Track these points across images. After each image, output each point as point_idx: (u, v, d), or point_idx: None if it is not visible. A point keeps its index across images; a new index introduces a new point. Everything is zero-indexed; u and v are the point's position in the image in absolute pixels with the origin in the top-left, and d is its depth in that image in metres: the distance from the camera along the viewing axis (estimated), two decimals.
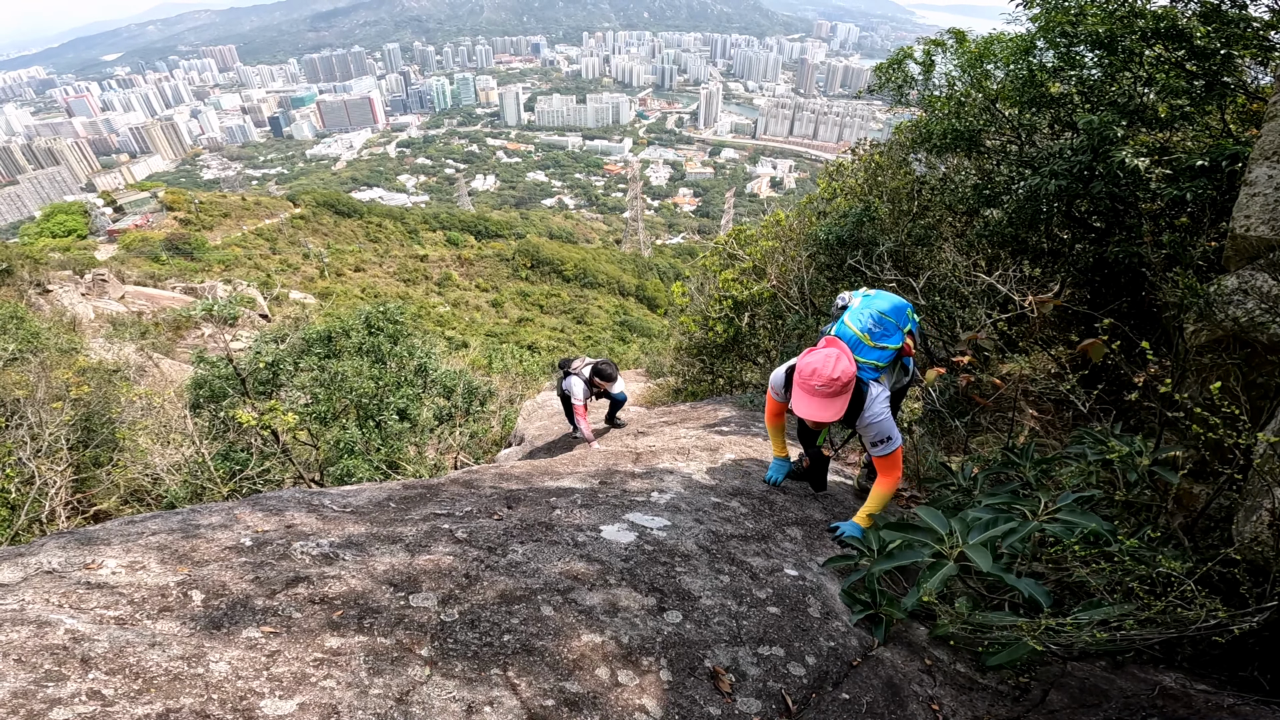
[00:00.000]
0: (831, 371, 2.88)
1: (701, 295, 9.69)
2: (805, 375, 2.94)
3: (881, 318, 3.24)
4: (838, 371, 2.89)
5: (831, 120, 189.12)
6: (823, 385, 2.88)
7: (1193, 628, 1.90)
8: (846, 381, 2.90)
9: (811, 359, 2.97)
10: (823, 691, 2.03)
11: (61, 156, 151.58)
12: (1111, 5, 4.51)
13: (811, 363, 2.94)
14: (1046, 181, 4.50)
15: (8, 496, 6.05)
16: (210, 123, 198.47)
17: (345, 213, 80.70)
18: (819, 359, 2.95)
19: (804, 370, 2.95)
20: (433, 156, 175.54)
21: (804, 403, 2.95)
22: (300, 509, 2.67)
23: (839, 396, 2.92)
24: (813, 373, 2.91)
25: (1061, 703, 2.12)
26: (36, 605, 1.64)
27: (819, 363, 2.92)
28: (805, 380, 2.93)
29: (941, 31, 5.97)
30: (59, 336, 12.64)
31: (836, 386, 2.89)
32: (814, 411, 2.93)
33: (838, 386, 2.89)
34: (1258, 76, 4.50)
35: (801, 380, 2.95)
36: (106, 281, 27.70)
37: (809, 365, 2.94)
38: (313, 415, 8.32)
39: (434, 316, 48.00)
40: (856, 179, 7.96)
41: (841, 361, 2.93)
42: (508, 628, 1.93)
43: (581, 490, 3.39)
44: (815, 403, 2.92)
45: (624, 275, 71.93)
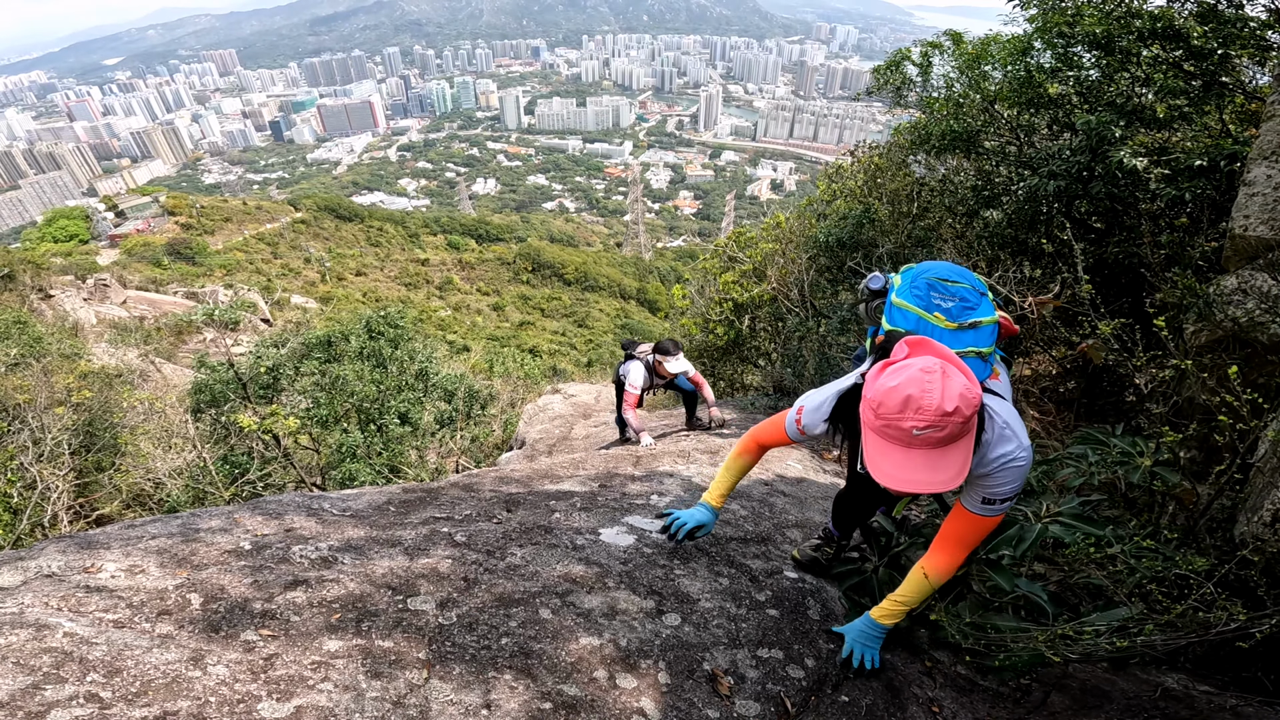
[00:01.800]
0: (942, 399, 1.56)
1: (702, 298, 9.70)
2: (892, 410, 1.61)
3: (944, 284, 2.14)
4: (953, 398, 1.57)
5: (831, 122, 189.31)
6: (929, 426, 1.57)
7: (1214, 631, 1.86)
8: (971, 414, 1.60)
9: (895, 380, 1.63)
10: (822, 694, 2.02)
11: (63, 161, 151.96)
12: (1108, 6, 4.52)
13: (901, 388, 1.60)
14: (1045, 182, 4.51)
15: (10, 501, 6.06)
16: (211, 127, 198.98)
17: (346, 217, 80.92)
18: (912, 379, 1.61)
19: (888, 402, 1.62)
20: (433, 160, 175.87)
21: (893, 461, 1.64)
22: (300, 513, 2.67)
23: (958, 443, 1.63)
24: (906, 403, 1.59)
25: (1063, 704, 2.12)
26: (36, 608, 1.64)
27: (915, 386, 1.59)
28: (893, 419, 1.61)
29: (939, 33, 5.98)
30: (61, 342, 12.67)
31: (954, 425, 1.58)
32: (914, 474, 1.62)
33: (956, 425, 1.58)
34: (1255, 76, 4.51)
35: (885, 420, 1.63)
36: (108, 286, 27.79)
37: (897, 393, 1.60)
38: (314, 419, 8.34)
39: (435, 320, 48.08)
40: (856, 181, 7.97)
41: (955, 380, 1.60)
42: (506, 631, 1.93)
43: (581, 493, 3.39)
44: (917, 459, 1.62)
45: (625, 278, 71.98)
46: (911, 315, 2.13)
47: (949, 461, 1.62)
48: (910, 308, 2.14)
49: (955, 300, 2.12)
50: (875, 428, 1.67)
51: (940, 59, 5.91)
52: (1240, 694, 2.21)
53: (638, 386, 5.08)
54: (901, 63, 6.14)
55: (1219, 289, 3.15)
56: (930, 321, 2.10)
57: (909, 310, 2.14)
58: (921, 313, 2.12)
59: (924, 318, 2.11)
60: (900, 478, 1.63)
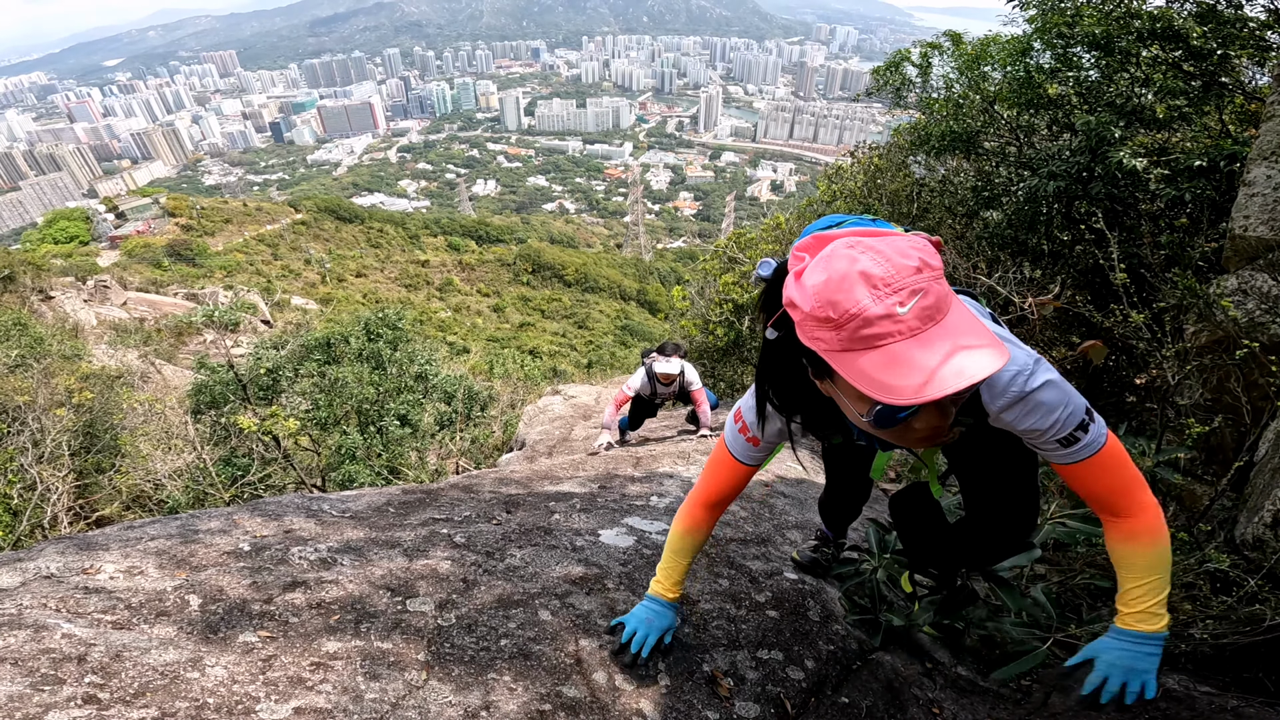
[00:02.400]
0: (894, 255, 1.10)
1: (702, 299, 9.71)
2: (850, 303, 1.07)
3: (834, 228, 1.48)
4: (904, 252, 1.11)
5: (831, 123, 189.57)
6: (914, 293, 1.07)
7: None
8: (937, 263, 1.15)
9: (823, 273, 1.12)
10: (822, 695, 2.02)
11: (63, 162, 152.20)
12: (1108, 6, 4.53)
13: (839, 274, 1.09)
14: (1045, 183, 4.51)
15: (10, 502, 6.06)
16: (211, 128, 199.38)
17: (346, 218, 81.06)
18: (842, 258, 1.12)
19: (838, 298, 1.08)
20: (433, 161, 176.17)
21: (906, 365, 1.05)
22: (299, 514, 2.67)
23: (955, 304, 1.15)
24: (860, 283, 1.07)
25: (1064, 705, 2.11)
26: (34, 609, 1.64)
27: (853, 262, 1.10)
28: (860, 313, 1.06)
29: (938, 34, 5.99)
30: (61, 343, 12.69)
31: (932, 282, 1.10)
32: (951, 362, 1.05)
33: (934, 280, 1.10)
34: (1255, 76, 4.52)
35: (851, 322, 1.07)
36: (109, 288, 27.82)
37: (840, 281, 1.09)
38: (314, 421, 8.34)
39: (435, 322, 48.13)
40: (856, 182, 7.98)
41: (887, 238, 1.16)
42: (505, 632, 1.93)
43: (581, 494, 3.39)
44: (935, 342, 1.07)
45: (625, 279, 72.04)
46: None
47: (967, 325, 1.10)
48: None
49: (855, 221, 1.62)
50: (846, 344, 1.08)
51: (940, 60, 5.92)
52: (1242, 695, 2.20)
53: (631, 389, 5.16)
54: (901, 64, 6.16)
55: (1219, 289, 3.15)
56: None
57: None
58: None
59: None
60: (938, 377, 1.02)
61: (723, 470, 1.82)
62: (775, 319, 1.33)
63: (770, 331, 1.37)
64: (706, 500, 1.87)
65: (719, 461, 1.82)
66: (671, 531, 1.92)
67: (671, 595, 1.93)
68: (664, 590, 1.93)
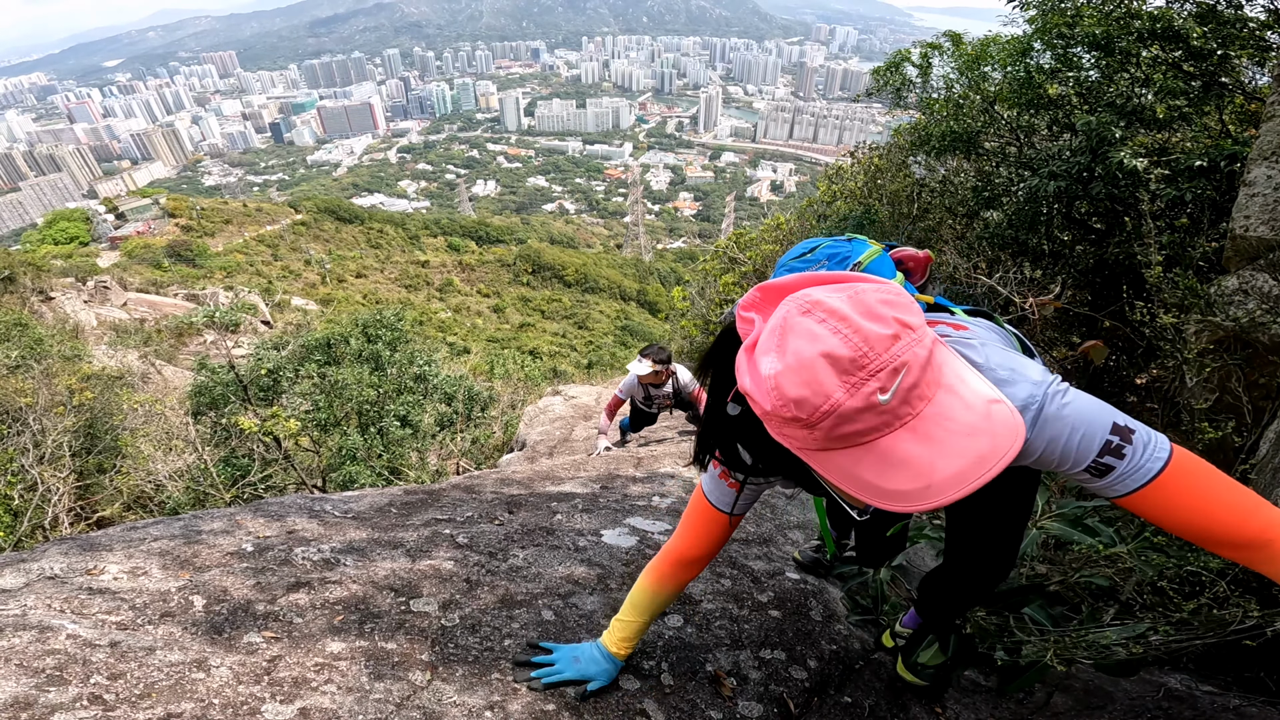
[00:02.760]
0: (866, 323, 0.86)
1: (702, 299, 9.71)
2: (820, 402, 0.86)
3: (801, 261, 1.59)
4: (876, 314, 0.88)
5: (831, 123, 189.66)
6: (895, 371, 0.86)
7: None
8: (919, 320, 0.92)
9: (780, 359, 0.89)
10: (824, 695, 2.02)
11: (63, 163, 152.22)
12: (1107, 6, 4.53)
13: (798, 361, 0.87)
14: (1046, 183, 4.51)
15: (11, 503, 6.06)
16: (211, 129, 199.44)
17: (346, 219, 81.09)
18: (798, 332, 0.89)
19: (804, 395, 0.86)
20: (433, 162, 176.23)
21: (904, 468, 0.88)
22: (302, 515, 2.67)
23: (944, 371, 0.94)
24: (829, 371, 0.85)
25: (1066, 705, 2.12)
26: (38, 610, 1.64)
27: (813, 339, 0.87)
28: (834, 410, 0.86)
29: (938, 34, 5.99)
30: (62, 344, 12.68)
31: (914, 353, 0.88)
32: (952, 460, 0.87)
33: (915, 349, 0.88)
34: (1255, 76, 4.52)
35: (826, 422, 0.87)
36: (109, 289, 27.83)
37: (799, 371, 0.86)
38: (314, 422, 8.34)
39: (435, 322, 48.11)
40: (856, 182, 7.99)
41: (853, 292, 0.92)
42: (508, 632, 1.94)
43: (583, 495, 3.40)
44: (932, 434, 0.89)
45: (625, 280, 72.05)
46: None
47: (961, 398, 0.92)
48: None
49: (819, 263, 1.54)
50: (823, 444, 0.90)
51: (940, 60, 5.93)
52: (1244, 694, 2.21)
53: (623, 392, 5.18)
54: (901, 64, 6.16)
55: (1220, 289, 3.15)
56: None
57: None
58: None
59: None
60: (939, 481, 0.87)
61: (699, 520, 1.55)
62: (735, 394, 1.12)
63: (731, 406, 1.16)
64: (680, 556, 1.62)
65: (695, 511, 1.56)
66: (638, 584, 1.70)
67: (620, 652, 1.73)
68: (613, 643, 1.73)
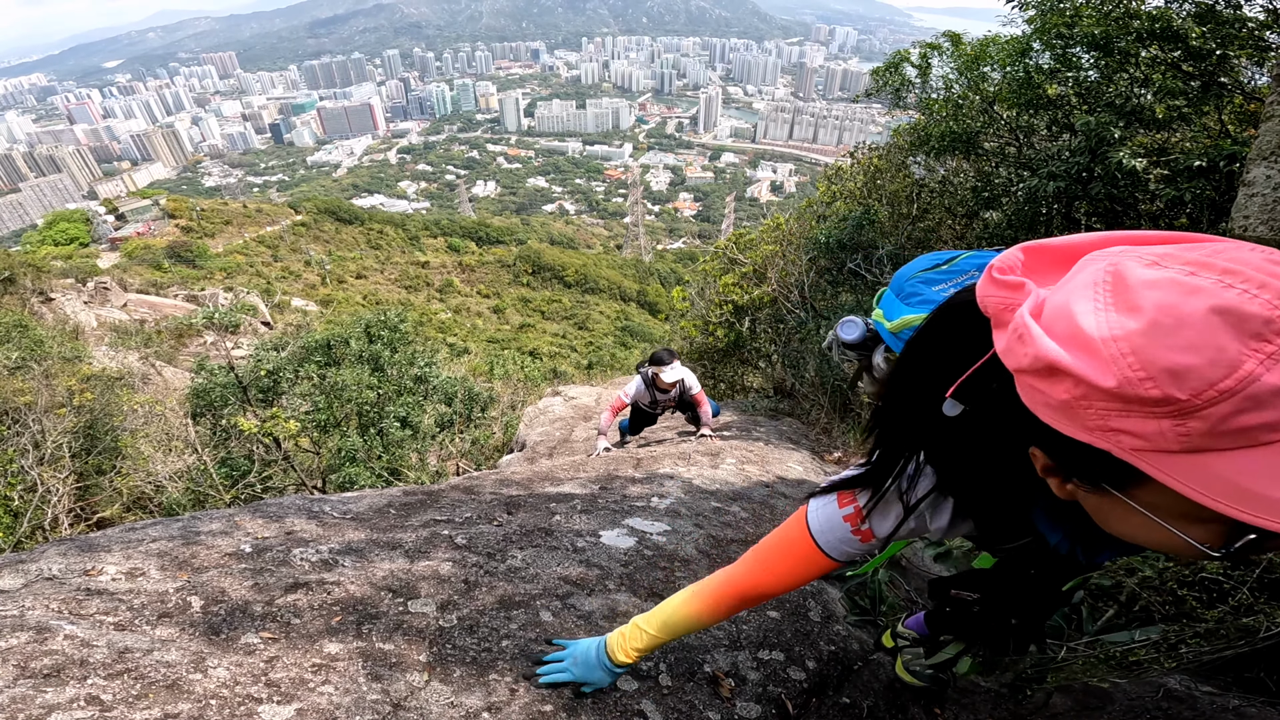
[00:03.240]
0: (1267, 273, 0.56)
1: (702, 300, 9.72)
2: (1244, 348, 0.53)
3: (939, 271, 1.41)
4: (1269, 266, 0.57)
5: (831, 124, 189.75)
6: None
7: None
8: None
9: (1159, 299, 0.58)
10: (823, 695, 2.02)
11: (63, 164, 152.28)
12: (1106, 6, 4.53)
13: (1202, 305, 0.55)
14: (1045, 183, 4.51)
15: (10, 504, 6.06)
16: (211, 130, 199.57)
17: (346, 219, 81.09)
18: (1193, 286, 0.57)
19: (1209, 343, 0.54)
20: (433, 163, 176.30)
21: None
22: (300, 516, 2.67)
23: None
24: (1234, 318, 0.54)
25: (1065, 706, 2.11)
26: (36, 611, 1.64)
27: (1221, 286, 0.56)
28: (1267, 365, 0.53)
29: (938, 35, 5.99)
30: (62, 345, 12.68)
31: None
32: None
33: None
34: (1254, 76, 4.52)
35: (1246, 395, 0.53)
36: (109, 289, 27.83)
37: (1202, 313, 0.55)
38: (314, 423, 8.34)
39: (436, 323, 48.12)
40: (856, 182, 7.99)
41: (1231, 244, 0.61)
42: (506, 633, 1.93)
43: (582, 496, 3.39)
44: None
45: (625, 280, 72.05)
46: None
47: None
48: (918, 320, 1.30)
49: (968, 274, 1.33)
50: (1203, 440, 0.59)
51: (939, 60, 5.93)
52: (1244, 695, 2.20)
53: (628, 396, 5.15)
54: (900, 64, 6.16)
55: None
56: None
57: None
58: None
59: None
60: None
61: (793, 560, 1.24)
62: (961, 385, 0.84)
63: (949, 406, 0.87)
64: (753, 593, 1.32)
65: (791, 551, 1.24)
66: (682, 605, 1.44)
67: (625, 660, 1.55)
68: (622, 651, 1.55)
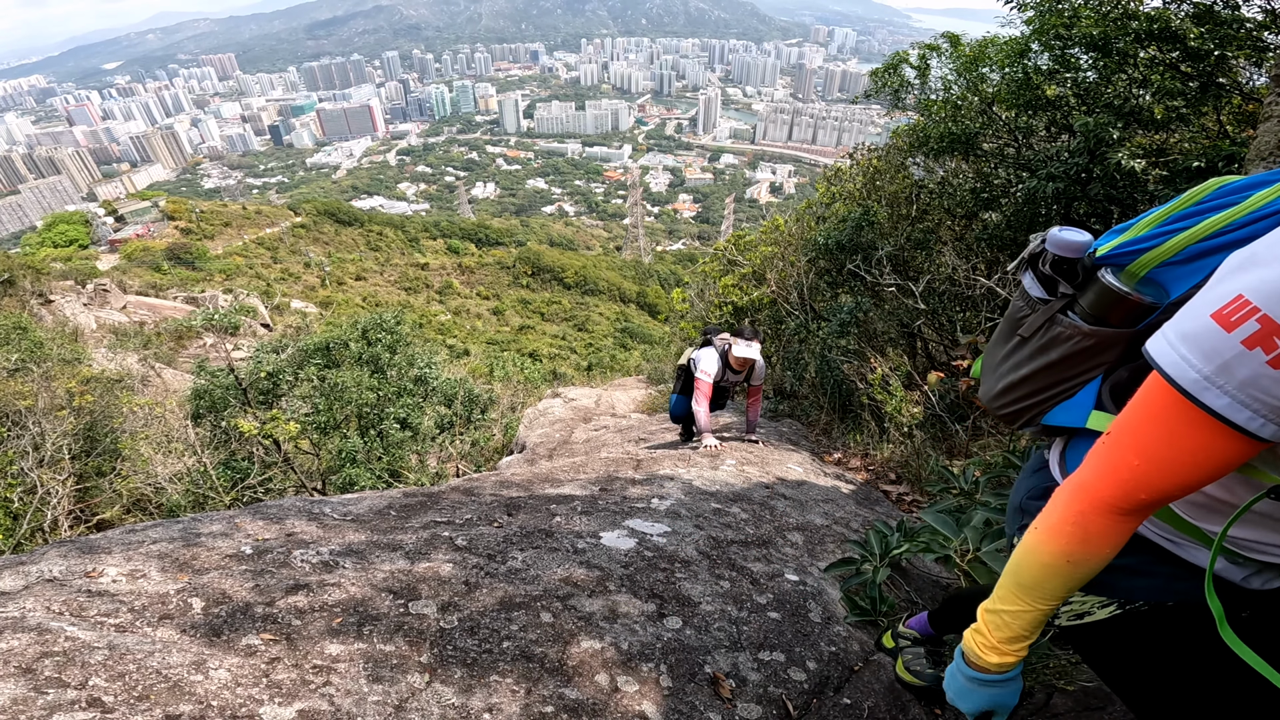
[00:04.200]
0: None
1: (702, 301, 9.72)
2: None
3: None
4: None
5: (830, 125, 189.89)
6: None
7: None
8: None
9: None
10: (824, 697, 2.02)
11: (63, 166, 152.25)
12: (1105, 7, 4.54)
13: None
14: (1044, 184, 4.51)
15: (10, 506, 6.05)
16: (210, 131, 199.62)
17: (346, 221, 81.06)
18: None
19: None
20: (433, 164, 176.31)
21: None
22: (301, 517, 2.67)
23: None
24: None
25: (1065, 706, 2.12)
26: (37, 613, 1.64)
27: None
28: None
29: (936, 35, 5.99)
30: (61, 347, 12.66)
31: None
32: None
33: None
34: (1252, 77, 4.52)
35: None
36: (108, 291, 27.81)
37: None
38: (314, 425, 8.33)
39: (435, 325, 48.09)
40: (855, 184, 8.00)
41: None
42: (507, 634, 1.93)
43: (582, 497, 3.40)
44: None
45: (625, 282, 72.04)
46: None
47: None
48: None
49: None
50: None
51: (938, 61, 5.93)
52: None
53: (710, 374, 4.40)
54: (899, 65, 6.16)
55: None
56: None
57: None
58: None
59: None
60: None
61: (1197, 444, 0.82)
62: None
63: None
64: (1140, 497, 0.89)
65: (1184, 431, 0.82)
66: (1027, 556, 1.03)
67: (998, 659, 1.10)
68: (988, 651, 1.11)
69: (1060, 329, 1.15)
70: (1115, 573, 1.08)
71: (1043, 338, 1.18)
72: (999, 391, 1.30)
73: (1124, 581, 1.11)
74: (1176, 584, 1.07)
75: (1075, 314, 1.14)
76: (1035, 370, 1.20)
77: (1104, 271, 1.09)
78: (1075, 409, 1.16)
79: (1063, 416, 1.19)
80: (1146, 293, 1.05)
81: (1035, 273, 1.23)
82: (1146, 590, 1.10)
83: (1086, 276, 1.14)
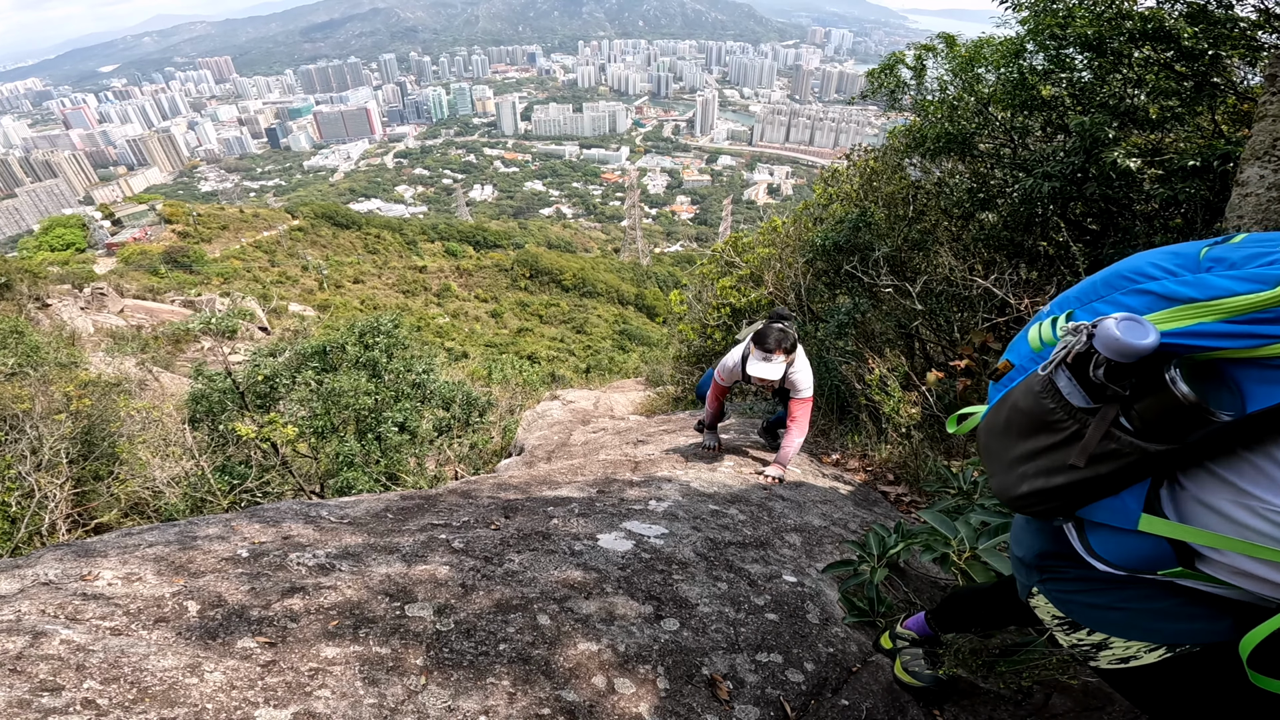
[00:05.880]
0: None
1: (700, 303, 9.71)
2: None
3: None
4: None
5: (827, 126, 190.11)
6: None
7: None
8: None
9: None
10: (822, 698, 2.02)
11: (59, 169, 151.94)
12: (1099, 7, 4.55)
13: None
14: (1040, 184, 4.52)
15: (8, 510, 6.04)
16: (207, 134, 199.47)
17: (343, 224, 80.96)
18: None
19: None
20: (430, 167, 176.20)
21: None
22: (297, 520, 2.66)
23: None
24: None
25: (1064, 707, 2.11)
26: (33, 616, 1.64)
27: None
28: None
29: (932, 36, 6.00)
30: (59, 351, 12.64)
31: None
32: None
33: None
34: (1247, 76, 4.53)
35: None
36: (105, 295, 27.76)
37: None
38: (312, 428, 8.31)
39: (433, 328, 48.04)
40: (852, 184, 8.00)
41: None
42: (504, 637, 1.93)
43: (579, 499, 3.39)
44: None
45: (623, 284, 72.04)
46: None
47: None
48: None
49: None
50: None
51: (934, 62, 5.94)
52: None
53: (724, 377, 4.01)
54: (895, 66, 6.17)
55: None
56: None
57: None
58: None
59: None
60: None
61: None
62: None
63: None
64: None
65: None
66: None
67: None
68: None
69: (1116, 446, 0.99)
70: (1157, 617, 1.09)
71: (1095, 450, 1.02)
72: (1024, 495, 1.14)
73: (1169, 625, 1.10)
74: (1217, 624, 1.07)
75: (1128, 421, 0.98)
76: (1079, 480, 1.05)
77: (1173, 375, 0.91)
78: (1120, 510, 1.05)
79: (1105, 515, 1.08)
80: (1221, 404, 0.89)
81: (1075, 374, 1.03)
82: (1191, 634, 1.09)
83: (1144, 375, 0.96)
